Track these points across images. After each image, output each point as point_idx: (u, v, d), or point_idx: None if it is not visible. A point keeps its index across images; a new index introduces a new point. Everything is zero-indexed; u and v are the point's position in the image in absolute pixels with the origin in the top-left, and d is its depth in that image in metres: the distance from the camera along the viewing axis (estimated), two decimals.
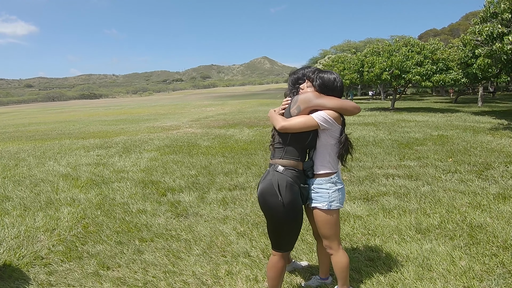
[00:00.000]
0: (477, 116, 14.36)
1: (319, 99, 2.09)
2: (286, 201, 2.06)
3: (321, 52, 59.73)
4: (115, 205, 4.59)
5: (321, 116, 2.07)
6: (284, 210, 2.06)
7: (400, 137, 9.02)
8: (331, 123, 2.10)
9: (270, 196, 2.08)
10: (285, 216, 2.08)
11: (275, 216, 2.10)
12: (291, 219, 2.11)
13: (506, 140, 8.04)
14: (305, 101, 2.09)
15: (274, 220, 2.12)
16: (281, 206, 2.06)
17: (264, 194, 2.11)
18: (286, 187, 2.07)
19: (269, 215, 2.14)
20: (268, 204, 2.10)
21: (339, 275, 2.28)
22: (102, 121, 19.82)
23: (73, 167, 7.00)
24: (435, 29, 56.69)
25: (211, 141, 9.74)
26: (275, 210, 2.08)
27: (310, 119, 2.07)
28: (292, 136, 2.12)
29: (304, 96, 2.11)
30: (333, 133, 2.15)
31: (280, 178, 2.08)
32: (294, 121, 2.07)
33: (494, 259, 2.78)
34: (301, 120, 2.07)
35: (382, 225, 3.56)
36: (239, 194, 4.81)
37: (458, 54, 15.37)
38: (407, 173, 5.53)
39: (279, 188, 2.05)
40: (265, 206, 2.12)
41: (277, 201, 2.06)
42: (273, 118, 2.17)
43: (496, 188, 4.59)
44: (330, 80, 2.13)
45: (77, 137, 12.19)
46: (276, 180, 2.08)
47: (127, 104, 58.56)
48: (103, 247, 3.35)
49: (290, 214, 2.09)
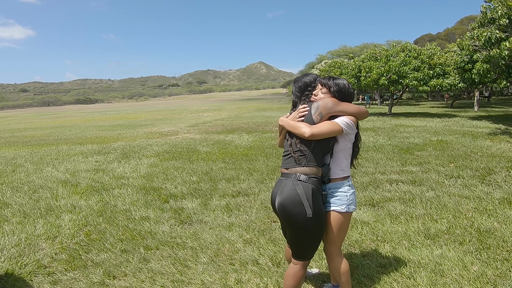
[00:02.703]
0: (474, 121, 14.45)
1: (339, 105, 2.13)
2: (315, 210, 2.04)
3: (318, 57, 60.07)
4: (117, 212, 4.52)
5: (345, 122, 2.11)
6: (313, 220, 2.04)
7: (400, 143, 9.03)
8: (352, 127, 2.15)
9: (296, 207, 2.04)
10: (314, 226, 2.06)
11: (303, 227, 2.06)
12: (319, 228, 2.10)
13: (506, 145, 8.08)
14: (326, 108, 2.10)
15: (302, 231, 2.08)
16: (310, 216, 2.03)
17: (288, 206, 2.06)
18: (313, 196, 2.05)
19: (295, 226, 2.08)
20: (294, 215, 2.05)
21: (341, 280, 2.28)
22: (98, 126, 19.69)
23: (72, 173, 6.92)
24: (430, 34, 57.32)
25: (211, 146, 9.68)
26: (303, 221, 2.04)
27: (335, 124, 2.09)
28: (316, 143, 2.10)
29: (324, 103, 2.11)
30: (351, 137, 2.20)
31: (305, 187, 2.05)
32: (321, 127, 2.06)
33: (506, 263, 2.76)
34: (327, 126, 2.07)
35: (390, 231, 3.52)
36: (243, 200, 4.76)
37: (455, 59, 15.48)
38: (410, 179, 5.51)
39: (306, 199, 2.02)
40: (290, 218, 2.07)
41: (304, 212, 2.02)
42: (295, 126, 2.12)
43: (500, 193, 4.58)
44: (345, 86, 2.18)
45: (74, 143, 12.08)
46: (303, 190, 2.04)
47: (123, 109, 58.38)
48: (107, 255, 3.28)
49: (319, 223, 2.08)
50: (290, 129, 2.17)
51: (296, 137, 2.14)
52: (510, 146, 7.88)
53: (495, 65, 8.83)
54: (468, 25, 11.76)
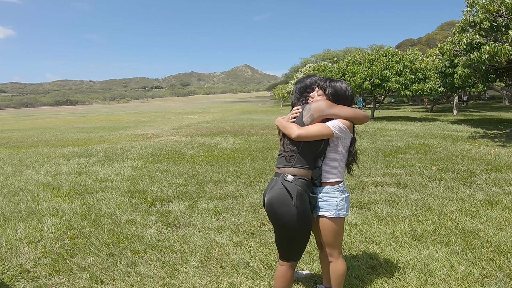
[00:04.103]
0: (454, 124, 14.87)
1: (333, 108, 2.08)
2: (299, 211, 2.03)
3: (302, 61, 60.65)
4: (102, 215, 4.41)
5: (336, 125, 2.07)
6: (296, 219, 2.03)
7: (383, 146, 9.19)
8: (345, 131, 2.10)
9: (280, 206, 2.04)
10: (297, 226, 2.05)
11: (286, 226, 2.06)
12: (302, 228, 2.08)
13: (484, 149, 8.34)
14: (318, 110, 2.07)
15: (285, 230, 2.08)
16: (293, 215, 2.02)
17: (274, 204, 2.06)
18: (297, 196, 2.04)
19: (279, 225, 2.09)
20: (279, 214, 2.05)
21: (335, 281, 2.28)
22: (80, 128, 19.25)
23: (53, 176, 6.72)
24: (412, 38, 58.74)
25: (196, 149, 9.61)
26: (286, 220, 2.04)
27: (325, 127, 2.05)
28: (305, 145, 2.08)
29: (317, 105, 2.09)
30: (345, 142, 2.15)
31: (290, 187, 2.05)
32: (310, 129, 2.05)
33: (491, 263, 2.83)
34: (317, 128, 2.05)
35: (378, 233, 3.57)
36: (231, 203, 4.73)
37: (436, 64, 15.90)
38: (394, 181, 5.61)
39: (291, 198, 2.02)
40: (275, 216, 2.08)
41: (288, 211, 2.02)
42: (286, 126, 2.13)
43: (482, 195, 4.71)
44: (342, 89, 2.14)
45: (54, 145, 11.76)
46: (287, 190, 2.04)
47: (104, 111, 57.31)
48: (94, 259, 3.19)
49: (302, 223, 2.06)
50: (282, 129, 2.17)
51: (287, 138, 2.14)
52: (489, 150, 8.14)
53: (475, 69, 9.10)
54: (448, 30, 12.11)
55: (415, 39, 57.67)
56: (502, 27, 8.08)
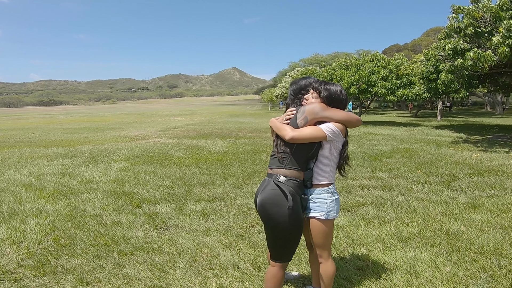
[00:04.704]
0: (438, 130, 15.18)
1: (327, 111, 2.10)
2: (291, 212, 2.04)
3: (290, 65, 61.06)
4: (87, 217, 4.34)
5: (329, 128, 2.08)
6: (288, 220, 2.04)
7: (369, 150, 9.31)
8: (338, 135, 2.12)
9: (273, 207, 2.05)
10: (289, 226, 2.06)
11: (278, 227, 2.07)
12: (294, 229, 2.09)
13: (467, 153, 8.55)
14: (312, 113, 2.09)
15: (277, 231, 2.09)
16: (285, 216, 2.04)
17: (266, 205, 2.07)
18: (291, 198, 2.05)
19: (271, 225, 2.10)
20: (271, 214, 2.06)
21: (325, 282, 2.30)
22: (64, 129, 18.86)
23: (36, 177, 6.57)
24: (398, 44, 59.71)
25: (183, 151, 9.54)
26: (279, 221, 2.05)
27: (319, 130, 2.07)
28: (298, 146, 2.10)
29: (311, 108, 2.10)
30: (337, 145, 2.17)
31: (284, 189, 2.06)
32: (303, 132, 2.06)
33: (475, 264, 2.90)
34: (310, 131, 2.07)
35: (365, 235, 3.62)
36: (219, 205, 4.72)
37: (421, 69, 16.22)
38: (380, 184, 5.69)
39: (286, 198, 2.03)
40: (268, 217, 2.09)
41: (281, 211, 2.03)
42: (280, 127, 2.13)
43: (465, 198, 4.83)
44: (337, 92, 2.15)
45: (38, 146, 11.50)
46: (280, 191, 2.05)
47: (89, 111, 56.35)
48: (79, 261, 3.13)
49: (294, 224, 2.07)
50: (275, 130, 2.18)
51: (280, 139, 2.15)
52: (471, 154, 8.35)
53: (459, 75, 9.32)
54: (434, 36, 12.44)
55: (401, 44, 58.70)
56: (486, 33, 8.31)
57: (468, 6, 8.60)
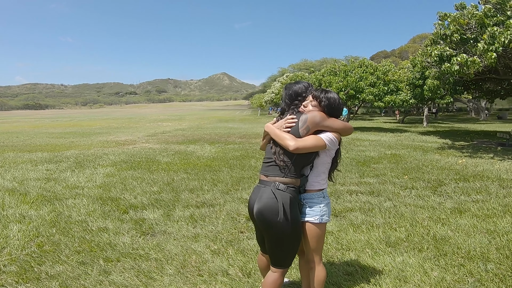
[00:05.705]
0: (424, 136, 15.44)
1: (327, 121, 2.15)
2: (292, 219, 2.07)
3: (280, 70, 61.47)
4: (72, 222, 4.24)
5: (329, 138, 2.14)
6: (291, 227, 2.07)
7: (357, 156, 9.39)
8: (335, 143, 2.19)
9: (274, 215, 2.05)
10: (292, 234, 2.09)
11: (280, 234, 2.08)
12: (297, 235, 2.13)
13: (453, 159, 8.70)
14: (314, 122, 2.12)
15: (280, 239, 2.10)
16: (288, 223, 2.05)
17: (266, 214, 2.07)
18: (291, 205, 2.08)
19: (272, 233, 2.10)
20: (272, 222, 2.06)
21: (316, 287, 2.29)
22: (49, 134, 18.51)
23: (20, 182, 6.42)
24: (385, 51, 60.52)
25: (171, 157, 9.45)
26: (280, 228, 2.06)
27: (320, 140, 2.11)
28: (299, 156, 2.11)
29: (312, 117, 2.12)
30: (331, 153, 2.24)
31: (284, 197, 2.07)
32: (307, 142, 2.08)
33: (462, 269, 2.93)
34: (313, 141, 2.10)
35: (354, 240, 3.63)
36: (208, 211, 4.67)
37: (407, 75, 16.49)
38: (368, 190, 5.73)
39: (284, 207, 2.05)
40: (268, 225, 2.09)
41: (283, 219, 2.04)
42: (281, 137, 2.12)
43: (451, 203, 4.90)
44: (336, 101, 2.20)
45: (22, 150, 11.25)
46: (281, 199, 2.06)
47: (76, 116, 55.51)
48: (63, 267, 3.05)
49: (296, 232, 2.12)
50: (275, 138, 2.16)
51: (280, 147, 2.14)
52: (457, 160, 8.50)
53: (445, 81, 9.49)
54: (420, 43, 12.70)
55: (389, 51, 59.55)
56: (471, 40, 8.50)
57: (454, 13, 8.80)
